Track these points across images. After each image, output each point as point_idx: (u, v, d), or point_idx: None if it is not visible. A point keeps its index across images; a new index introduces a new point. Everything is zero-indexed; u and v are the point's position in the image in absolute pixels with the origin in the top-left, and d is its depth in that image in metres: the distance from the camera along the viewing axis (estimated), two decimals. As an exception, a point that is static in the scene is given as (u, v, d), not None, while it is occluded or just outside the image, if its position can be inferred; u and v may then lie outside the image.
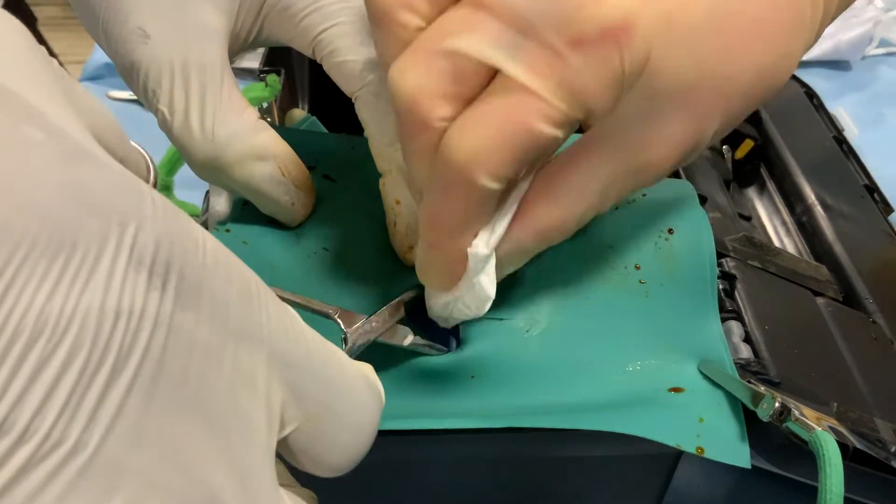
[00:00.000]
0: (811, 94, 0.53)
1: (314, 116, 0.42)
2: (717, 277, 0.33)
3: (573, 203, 0.24)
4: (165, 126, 0.27)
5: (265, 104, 0.39)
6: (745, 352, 0.31)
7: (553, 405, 0.28)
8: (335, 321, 0.25)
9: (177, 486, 0.14)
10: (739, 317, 0.32)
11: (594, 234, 0.32)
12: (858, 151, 0.48)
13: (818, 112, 0.51)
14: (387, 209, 0.29)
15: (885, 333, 0.37)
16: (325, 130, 0.42)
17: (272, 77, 0.38)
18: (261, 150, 0.28)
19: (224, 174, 0.28)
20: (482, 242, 0.23)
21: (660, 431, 0.26)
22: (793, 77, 0.52)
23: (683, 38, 0.22)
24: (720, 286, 0.33)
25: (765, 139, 0.51)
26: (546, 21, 0.20)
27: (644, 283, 0.31)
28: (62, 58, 0.70)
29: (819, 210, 0.45)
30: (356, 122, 0.28)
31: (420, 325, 0.29)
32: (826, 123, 0.50)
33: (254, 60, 0.52)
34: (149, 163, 0.25)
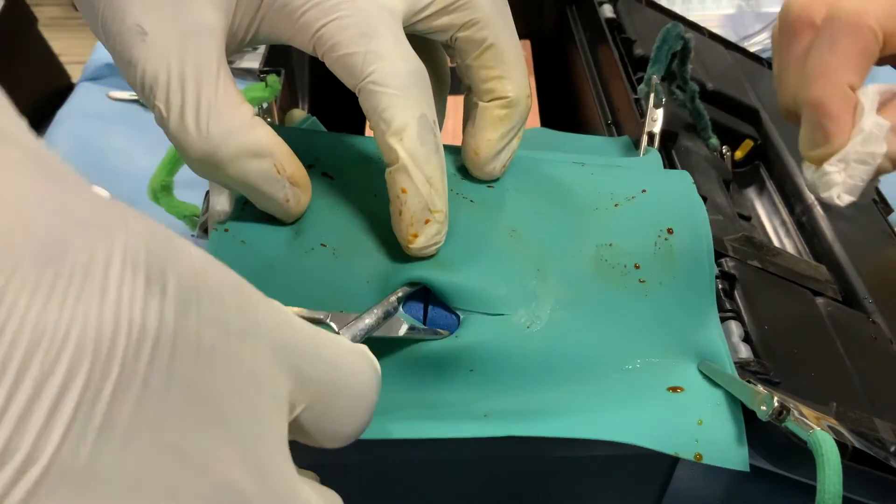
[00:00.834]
0: (811, 95, 0.53)
1: (314, 116, 0.42)
2: (717, 277, 0.33)
3: None
4: (162, 123, 0.27)
5: (265, 104, 0.39)
6: (745, 351, 0.31)
7: (552, 404, 0.28)
8: (328, 325, 0.25)
9: (199, 491, 0.15)
10: (739, 317, 0.32)
11: (594, 234, 0.32)
12: (858, 151, 0.48)
13: (818, 112, 0.51)
14: (392, 198, 0.29)
15: (885, 333, 0.37)
16: (325, 130, 0.42)
17: (272, 77, 0.38)
18: (256, 147, 0.28)
19: (219, 171, 0.28)
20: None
21: (658, 439, 0.26)
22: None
23: None
24: (720, 286, 0.33)
25: (765, 139, 0.51)
26: None
27: (644, 283, 0.31)
28: (62, 58, 0.70)
29: (818, 210, 0.45)
30: (356, 122, 0.28)
31: (421, 314, 0.29)
32: (826, 123, 0.50)
33: (254, 60, 0.52)
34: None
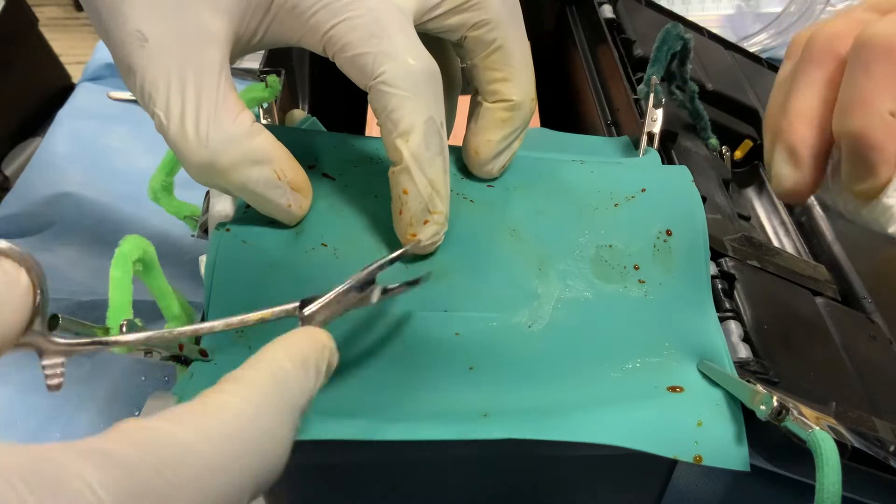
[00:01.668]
0: (810, 94, 0.53)
1: (314, 117, 0.42)
2: (717, 277, 0.34)
3: None
4: (162, 130, 0.27)
5: (265, 105, 0.39)
6: (744, 351, 0.31)
7: (552, 403, 0.28)
8: (294, 315, 0.24)
9: None
10: (738, 316, 0.32)
11: (595, 235, 0.32)
12: (858, 151, 0.48)
13: (817, 112, 0.51)
14: (394, 198, 0.29)
15: (884, 333, 0.37)
16: (325, 130, 0.42)
17: (272, 77, 0.38)
18: (256, 155, 0.28)
19: (220, 178, 0.28)
20: None
21: (658, 443, 0.26)
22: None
23: None
24: (720, 286, 0.33)
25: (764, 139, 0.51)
26: None
27: (643, 283, 0.31)
28: (62, 58, 0.70)
29: (818, 210, 0.45)
30: (356, 122, 0.28)
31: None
32: (825, 123, 0.50)
33: (254, 61, 0.51)
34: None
